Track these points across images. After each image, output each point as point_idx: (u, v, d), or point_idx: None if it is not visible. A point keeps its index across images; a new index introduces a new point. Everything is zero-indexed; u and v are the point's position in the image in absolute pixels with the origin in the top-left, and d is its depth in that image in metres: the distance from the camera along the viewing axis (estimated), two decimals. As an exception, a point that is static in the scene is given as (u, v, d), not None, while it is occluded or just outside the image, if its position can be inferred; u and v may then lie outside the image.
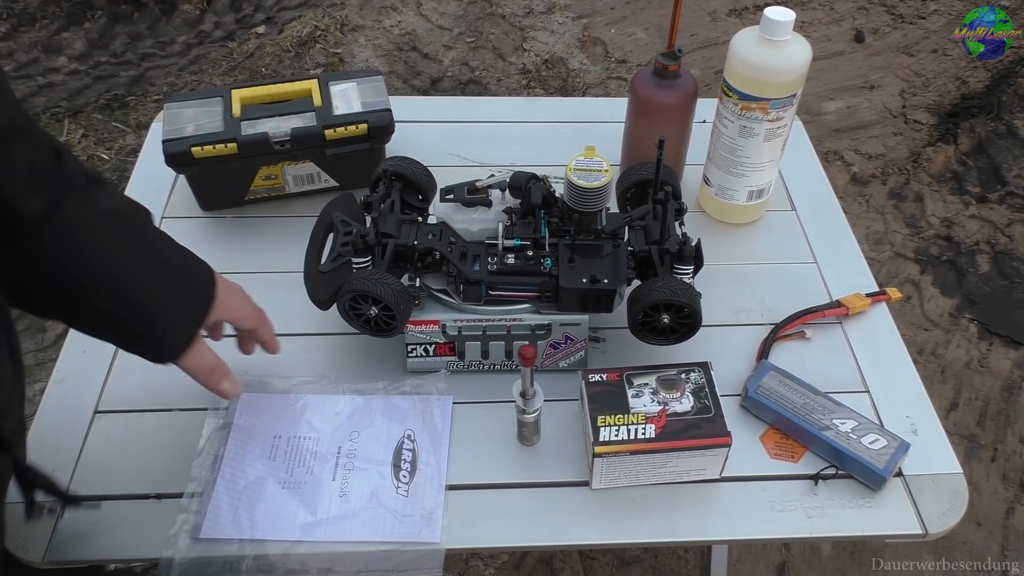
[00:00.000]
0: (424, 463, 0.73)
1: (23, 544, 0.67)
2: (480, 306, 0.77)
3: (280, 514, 0.69)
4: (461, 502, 0.71)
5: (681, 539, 0.70)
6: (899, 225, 1.97)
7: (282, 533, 0.68)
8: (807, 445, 0.75)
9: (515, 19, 2.52)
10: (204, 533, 0.67)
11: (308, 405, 0.77)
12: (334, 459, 0.73)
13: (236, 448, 0.73)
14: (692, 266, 0.77)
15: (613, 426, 0.70)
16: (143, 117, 2.16)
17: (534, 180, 0.78)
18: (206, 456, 0.72)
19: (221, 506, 0.69)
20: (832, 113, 2.26)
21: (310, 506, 0.70)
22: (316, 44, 2.38)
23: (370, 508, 0.70)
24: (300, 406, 0.77)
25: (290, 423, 0.75)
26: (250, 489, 0.70)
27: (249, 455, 0.73)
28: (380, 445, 0.74)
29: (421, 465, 0.73)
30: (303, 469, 0.72)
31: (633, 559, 1.38)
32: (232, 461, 0.72)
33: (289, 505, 0.70)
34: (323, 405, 0.77)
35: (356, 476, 0.72)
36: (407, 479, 0.72)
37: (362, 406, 0.77)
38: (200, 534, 0.67)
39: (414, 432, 0.75)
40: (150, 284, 0.61)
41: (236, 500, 0.69)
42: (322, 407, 0.77)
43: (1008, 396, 1.63)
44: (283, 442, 0.74)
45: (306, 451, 0.73)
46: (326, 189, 0.99)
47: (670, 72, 0.90)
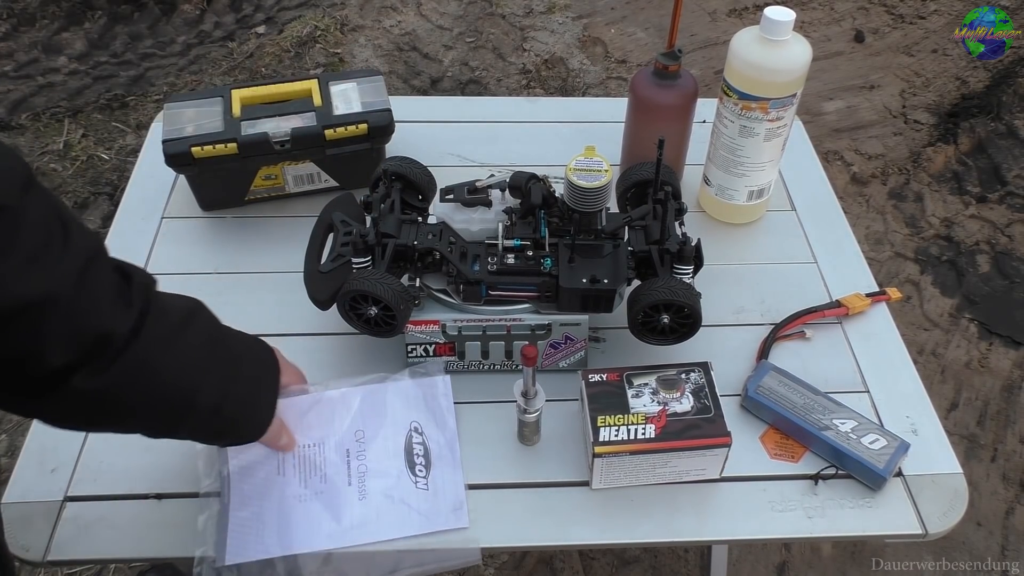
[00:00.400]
0: (438, 456, 0.73)
1: (23, 544, 0.67)
2: (480, 306, 0.77)
3: (306, 526, 0.67)
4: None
5: (681, 539, 0.71)
6: (899, 225, 1.97)
7: (311, 545, 0.66)
8: (807, 445, 0.75)
9: (515, 19, 2.52)
10: (230, 559, 0.65)
11: (303, 411, 0.74)
12: (345, 464, 0.71)
13: (239, 470, 0.70)
14: (692, 266, 0.77)
15: (613, 426, 0.70)
16: (143, 117, 2.16)
17: (534, 180, 0.78)
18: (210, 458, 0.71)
19: (240, 529, 0.67)
20: (832, 113, 2.26)
21: (334, 513, 0.68)
22: (316, 44, 2.38)
23: (394, 508, 0.69)
24: (295, 414, 0.73)
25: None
26: (268, 508, 0.68)
27: (257, 476, 0.70)
28: (388, 443, 0.73)
29: (434, 458, 0.72)
30: (317, 478, 0.70)
31: (633, 559, 1.38)
32: (239, 484, 0.69)
33: (312, 515, 0.68)
34: (319, 409, 0.74)
35: (372, 479, 0.70)
36: (424, 473, 0.71)
37: (362, 402, 0.75)
38: (225, 561, 0.64)
39: (420, 424, 0.74)
40: (236, 374, 0.62)
41: (256, 521, 0.67)
42: (319, 411, 0.74)
43: (1008, 396, 1.63)
44: (288, 455, 0.71)
45: (315, 459, 0.71)
46: (326, 189, 0.99)
47: (670, 72, 0.90)
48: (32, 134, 2.10)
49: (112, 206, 1.92)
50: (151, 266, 0.90)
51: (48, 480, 0.72)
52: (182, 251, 0.92)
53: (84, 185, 1.98)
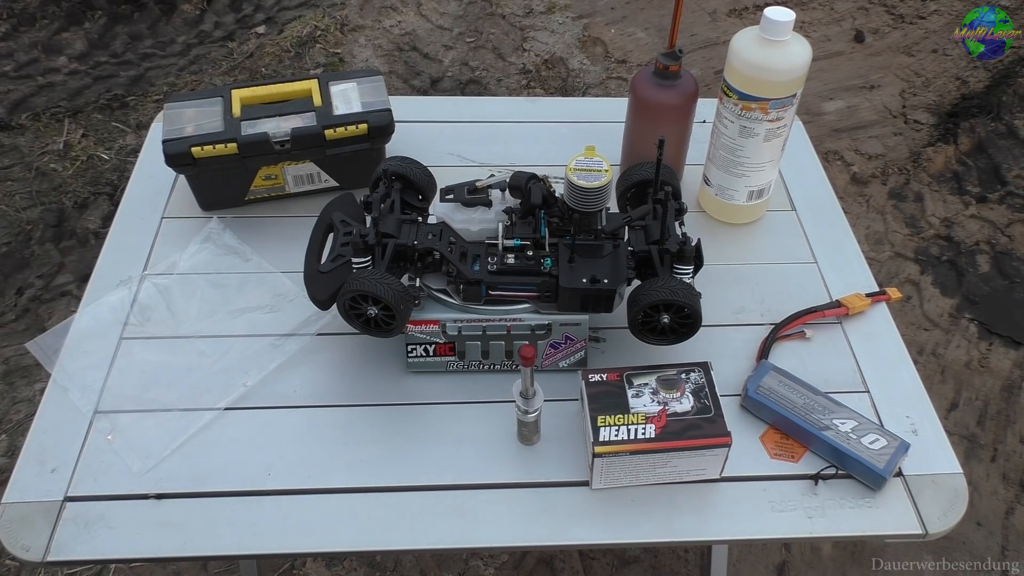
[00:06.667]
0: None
1: (23, 544, 0.67)
2: (480, 306, 0.77)
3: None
4: (461, 502, 0.72)
5: (681, 539, 0.71)
6: (899, 225, 1.97)
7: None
8: (807, 445, 0.75)
9: (515, 19, 2.52)
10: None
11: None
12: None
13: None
14: (692, 266, 0.77)
15: (613, 426, 0.70)
16: (143, 117, 2.16)
17: (534, 180, 0.78)
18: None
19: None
20: (832, 113, 2.26)
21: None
22: (316, 44, 2.38)
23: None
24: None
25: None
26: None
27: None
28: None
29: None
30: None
31: (633, 559, 1.38)
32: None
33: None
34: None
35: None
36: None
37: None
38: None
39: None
40: None
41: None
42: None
43: (1008, 396, 1.63)
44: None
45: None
46: (326, 189, 0.99)
47: (670, 72, 0.90)
48: (32, 134, 2.10)
49: (112, 206, 1.92)
50: (151, 266, 0.90)
51: (48, 480, 0.72)
52: (182, 251, 0.92)
53: (84, 185, 1.98)
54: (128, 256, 0.91)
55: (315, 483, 0.73)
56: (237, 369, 0.80)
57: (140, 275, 0.89)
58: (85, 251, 1.83)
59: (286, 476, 0.73)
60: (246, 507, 0.71)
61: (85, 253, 1.83)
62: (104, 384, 0.79)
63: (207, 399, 0.78)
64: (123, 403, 0.78)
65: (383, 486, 0.73)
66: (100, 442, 0.75)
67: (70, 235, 1.87)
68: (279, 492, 0.72)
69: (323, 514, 0.71)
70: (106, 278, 0.89)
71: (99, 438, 0.75)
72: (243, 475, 0.73)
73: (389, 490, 0.72)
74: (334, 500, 0.72)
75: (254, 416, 0.77)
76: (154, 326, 0.84)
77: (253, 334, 0.83)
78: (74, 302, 1.70)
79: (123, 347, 0.82)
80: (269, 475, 0.73)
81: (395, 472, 0.74)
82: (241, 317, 0.85)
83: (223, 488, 0.72)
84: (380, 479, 0.73)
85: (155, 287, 0.88)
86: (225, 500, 0.71)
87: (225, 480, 0.72)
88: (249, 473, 0.73)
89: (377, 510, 0.71)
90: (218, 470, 0.73)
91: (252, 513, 0.70)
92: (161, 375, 0.80)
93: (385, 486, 0.73)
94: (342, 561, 1.36)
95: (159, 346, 0.82)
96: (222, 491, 0.72)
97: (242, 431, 0.76)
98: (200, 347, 0.82)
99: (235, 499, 0.71)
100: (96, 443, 0.75)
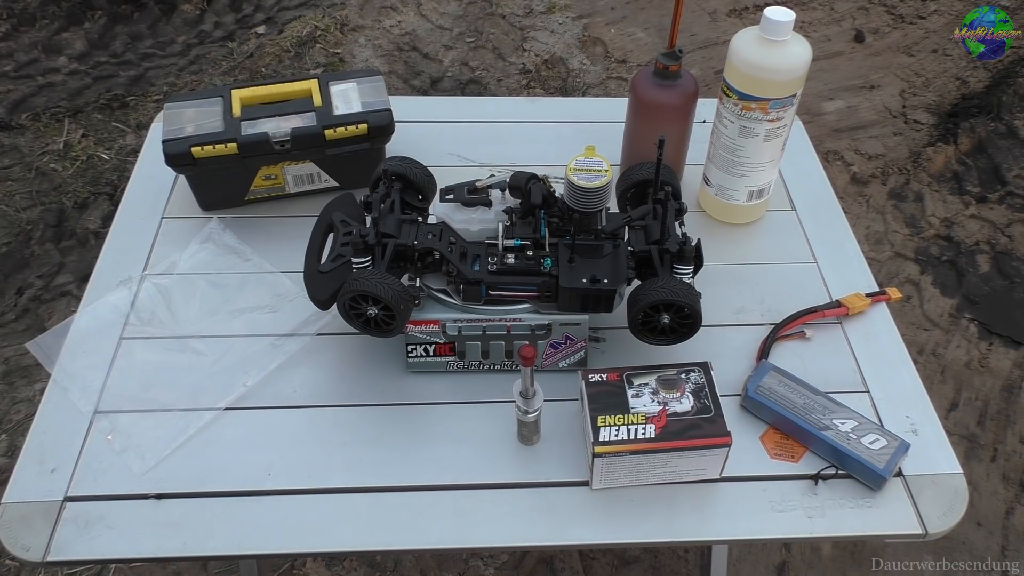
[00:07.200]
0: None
1: (23, 544, 0.67)
2: (480, 306, 0.77)
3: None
4: (461, 502, 0.72)
5: (681, 539, 0.71)
6: (899, 225, 1.97)
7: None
8: (807, 445, 0.75)
9: (515, 19, 2.52)
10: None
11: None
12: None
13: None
14: (692, 266, 0.77)
15: (613, 426, 0.70)
16: (143, 117, 2.16)
17: (534, 180, 0.78)
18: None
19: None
20: (832, 113, 2.26)
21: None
22: (316, 44, 2.38)
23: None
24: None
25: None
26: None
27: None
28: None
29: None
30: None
31: (633, 559, 1.38)
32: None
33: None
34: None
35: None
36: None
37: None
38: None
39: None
40: None
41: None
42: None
43: (1008, 396, 1.63)
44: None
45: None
46: (326, 189, 0.99)
47: (670, 72, 0.90)
48: (32, 134, 2.10)
49: (112, 206, 1.92)
50: (151, 266, 0.90)
51: (48, 480, 0.72)
52: (182, 251, 0.92)
53: (84, 185, 1.98)
54: (128, 256, 0.91)
55: (315, 483, 0.73)
56: (237, 369, 0.80)
57: (140, 275, 0.89)
58: (85, 251, 1.83)
59: (286, 476, 0.73)
60: (246, 507, 0.71)
61: (85, 253, 1.83)
62: (104, 384, 0.79)
63: (207, 399, 0.78)
64: (123, 403, 0.78)
65: (383, 486, 0.73)
66: (100, 442, 0.75)
67: (70, 235, 1.87)
68: (279, 492, 0.72)
69: (323, 514, 0.71)
70: (106, 278, 0.89)
71: (99, 438, 0.75)
72: (243, 475, 0.73)
73: (389, 490, 0.72)
74: (334, 500, 0.72)
75: (254, 416, 0.77)
76: (154, 326, 0.84)
77: (253, 334, 0.83)
78: (74, 302, 1.70)
79: (123, 347, 0.82)
80: (269, 475, 0.73)
81: (395, 472, 0.74)
82: (241, 317, 0.85)
83: (223, 488, 0.72)
84: (380, 479, 0.73)
85: (155, 287, 0.88)
86: (225, 500, 0.71)
87: (225, 480, 0.72)
88: (249, 473, 0.73)
89: (377, 510, 0.71)
90: (218, 470, 0.73)
91: (252, 513, 0.70)
92: (161, 375, 0.80)
93: (385, 486, 0.73)
94: (342, 561, 1.36)
95: (159, 346, 0.82)
96: (222, 491, 0.72)
97: (242, 431, 0.76)
98: (200, 347, 0.82)
99: (235, 499, 0.71)
100: (96, 443, 0.75)
